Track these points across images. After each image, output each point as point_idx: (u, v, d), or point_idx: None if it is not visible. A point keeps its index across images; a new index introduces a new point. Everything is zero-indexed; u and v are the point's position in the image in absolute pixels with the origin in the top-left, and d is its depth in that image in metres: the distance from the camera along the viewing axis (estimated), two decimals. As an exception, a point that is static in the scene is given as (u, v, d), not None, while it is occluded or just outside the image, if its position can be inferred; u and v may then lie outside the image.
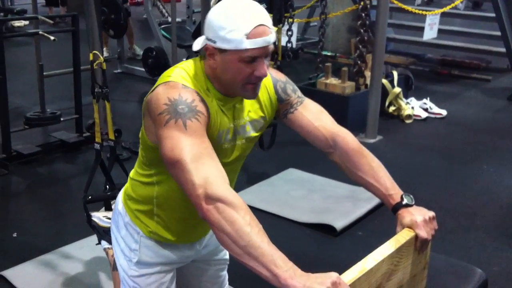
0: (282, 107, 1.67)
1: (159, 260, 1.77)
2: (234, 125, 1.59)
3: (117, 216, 1.82)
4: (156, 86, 1.51)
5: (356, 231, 2.81)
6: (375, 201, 3.06)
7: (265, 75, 1.49)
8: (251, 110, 1.62)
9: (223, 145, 1.57)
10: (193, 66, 1.55)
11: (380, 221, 2.95)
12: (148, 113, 1.52)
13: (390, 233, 1.41)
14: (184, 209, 1.70)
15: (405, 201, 1.54)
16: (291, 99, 1.67)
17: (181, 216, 1.72)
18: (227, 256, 1.98)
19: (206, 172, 1.37)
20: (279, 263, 1.27)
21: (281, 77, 1.69)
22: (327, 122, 1.67)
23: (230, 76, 1.49)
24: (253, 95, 1.54)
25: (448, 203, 3.24)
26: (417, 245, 1.51)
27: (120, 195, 1.83)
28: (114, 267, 2.07)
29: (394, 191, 1.58)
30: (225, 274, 2.02)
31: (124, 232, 1.78)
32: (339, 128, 1.67)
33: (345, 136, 1.66)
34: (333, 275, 1.26)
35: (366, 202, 3.06)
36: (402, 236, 1.50)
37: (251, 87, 1.51)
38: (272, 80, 1.66)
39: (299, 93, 1.70)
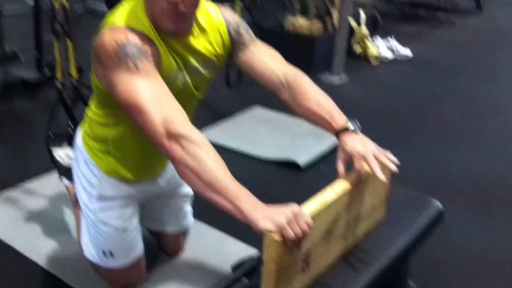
0: (234, 47, 1.66)
1: (120, 193, 1.78)
2: (185, 66, 1.57)
3: (77, 152, 1.81)
4: (102, 31, 1.47)
5: (320, 166, 2.84)
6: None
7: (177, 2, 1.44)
8: (202, 50, 1.60)
9: (174, 85, 1.55)
10: (136, 5, 1.51)
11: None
12: (96, 59, 1.48)
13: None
14: (140, 150, 1.72)
15: (350, 126, 1.54)
16: (243, 39, 1.66)
17: (138, 157, 1.74)
18: (191, 191, 2.00)
19: (166, 111, 1.36)
20: (243, 197, 1.29)
21: (234, 18, 1.68)
22: (279, 62, 1.68)
23: (154, 10, 1.46)
24: (175, 27, 1.49)
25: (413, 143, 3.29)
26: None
27: (80, 131, 1.82)
28: (76, 203, 2.08)
29: (339, 116, 1.57)
30: (188, 207, 2.05)
31: (85, 168, 1.78)
32: (290, 67, 1.68)
33: (296, 74, 1.66)
34: (293, 206, 1.29)
35: (330, 137, 3.08)
36: (363, 168, 1.52)
37: (170, 18, 1.46)
38: (225, 21, 1.65)
39: (251, 34, 1.69)
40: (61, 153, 2.29)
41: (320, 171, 2.79)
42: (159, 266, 2.07)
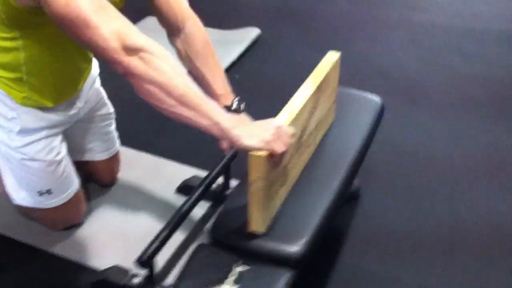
0: None
1: (44, 124, 1.62)
2: None
3: None
4: None
5: (233, 75, 2.78)
6: (247, 42, 3.04)
7: None
8: None
9: None
10: None
11: (253, 62, 2.94)
12: None
13: (267, 72, 1.37)
14: (57, 71, 1.57)
15: (234, 106, 1.52)
16: None
17: (55, 80, 1.58)
18: (111, 110, 1.89)
19: (116, 23, 1.21)
20: (219, 111, 1.22)
21: None
22: (183, 3, 1.59)
23: None
24: None
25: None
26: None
27: None
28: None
29: (226, 93, 1.56)
30: (113, 129, 1.93)
31: None
32: (193, 14, 1.60)
33: (197, 23, 1.60)
34: (274, 121, 1.24)
35: (239, 44, 3.02)
36: (321, 72, 1.49)
37: None
38: None
39: None
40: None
41: (236, 78, 2.73)
42: (97, 199, 1.95)
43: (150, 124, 2.37)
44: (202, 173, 2.00)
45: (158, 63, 1.20)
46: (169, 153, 2.20)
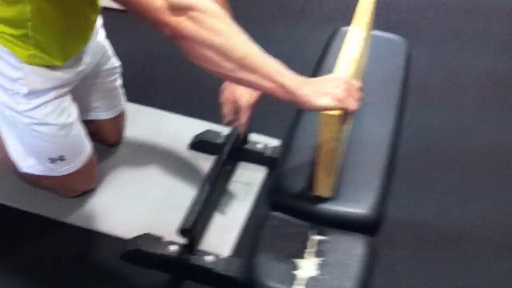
0: None
1: (52, 83, 1.46)
2: None
3: None
4: None
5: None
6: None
7: None
8: None
9: None
10: None
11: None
12: None
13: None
14: (65, 26, 1.40)
15: None
16: None
17: (63, 36, 1.42)
18: (117, 64, 1.74)
19: None
20: (284, 71, 1.09)
21: None
22: None
23: None
24: None
25: None
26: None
27: None
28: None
29: None
30: (119, 86, 1.78)
31: None
32: None
33: None
34: (342, 76, 1.13)
35: None
36: (365, 14, 1.36)
37: None
38: None
39: None
40: None
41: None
42: (105, 161, 1.80)
43: (143, 76, 2.20)
44: (213, 126, 1.90)
45: (212, 22, 1.05)
46: (168, 106, 2.05)
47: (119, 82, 1.75)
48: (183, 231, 1.39)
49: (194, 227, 1.39)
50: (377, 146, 1.34)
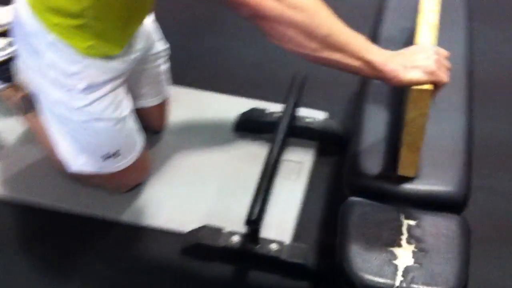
0: None
1: (109, 76, 1.36)
2: None
3: (29, 37, 1.30)
4: None
5: None
6: None
7: None
8: None
9: None
10: None
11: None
12: None
13: None
14: (128, 11, 1.29)
15: None
16: None
17: (125, 22, 1.31)
18: (165, 46, 1.63)
19: None
20: (370, 47, 1.01)
21: None
22: None
23: None
24: None
25: None
26: None
27: (23, 6, 1.28)
28: (27, 109, 1.58)
29: None
30: (166, 70, 1.68)
31: (51, 56, 1.30)
32: None
33: None
34: (430, 45, 1.04)
35: None
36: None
37: None
38: None
39: None
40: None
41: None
42: (151, 150, 1.69)
43: (176, 54, 2.09)
44: (257, 104, 1.80)
45: None
46: (207, 85, 1.94)
47: (166, 65, 1.65)
48: (249, 222, 1.30)
49: (259, 217, 1.31)
50: (455, 114, 1.25)
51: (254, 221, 1.30)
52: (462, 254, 1.03)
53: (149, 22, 1.51)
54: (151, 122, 1.70)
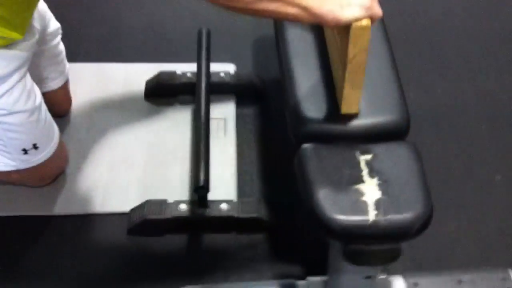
0: None
1: (14, 65, 1.26)
2: None
3: None
4: None
5: None
6: None
7: None
8: None
9: None
10: None
11: None
12: None
13: None
14: None
15: None
16: None
17: (24, 7, 1.19)
18: (58, 24, 1.51)
19: None
20: None
21: None
22: None
23: None
24: None
25: None
26: None
27: None
28: None
29: None
30: (63, 49, 1.56)
31: None
32: None
33: None
34: None
35: None
36: None
37: None
38: None
39: None
40: None
41: None
42: (64, 134, 1.57)
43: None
44: (162, 67, 1.73)
45: None
46: (99, 56, 1.83)
47: (62, 44, 1.53)
48: (198, 189, 1.27)
49: (207, 181, 1.28)
50: (380, 57, 1.27)
51: (202, 187, 1.27)
52: (421, 177, 1.07)
53: (41, -1, 1.38)
54: (57, 105, 1.58)
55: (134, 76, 1.74)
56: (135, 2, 2.01)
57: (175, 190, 1.46)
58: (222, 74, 1.69)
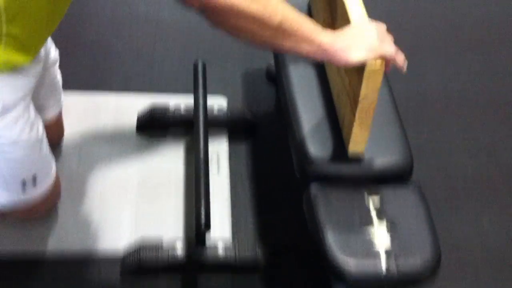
0: None
1: (21, 93, 1.22)
2: None
3: None
4: None
5: None
6: None
7: None
8: None
9: None
10: None
11: None
12: None
13: None
14: (47, 14, 1.14)
15: None
16: None
17: (42, 25, 1.15)
18: (57, 50, 1.48)
19: None
20: (317, 28, 1.00)
21: None
22: None
23: None
24: None
25: None
26: None
27: None
28: None
29: None
30: (59, 74, 1.52)
31: None
32: None
33: None
34: (368, 22, 1.06)
35: None
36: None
37: None
38: None
39: None
40: None
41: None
42: (57, 164, 1.52)
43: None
44: (154, 98, 1.70)
45: None
46: (95, 85, 1.80)
47: (59, 72, 1.50)
48: (201, 227, 1.24)
49: (208, 219, 1.26)
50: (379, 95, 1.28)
51: (205, 225, 1.24)
52: (428, 219, 1.08)
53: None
54: (50, 134, 1.53)
55: (125, 106, 1.72)
56: (122, 28, 2.00)
57: (168, 226, 1.44)
58: (215, 109, 1.67)
